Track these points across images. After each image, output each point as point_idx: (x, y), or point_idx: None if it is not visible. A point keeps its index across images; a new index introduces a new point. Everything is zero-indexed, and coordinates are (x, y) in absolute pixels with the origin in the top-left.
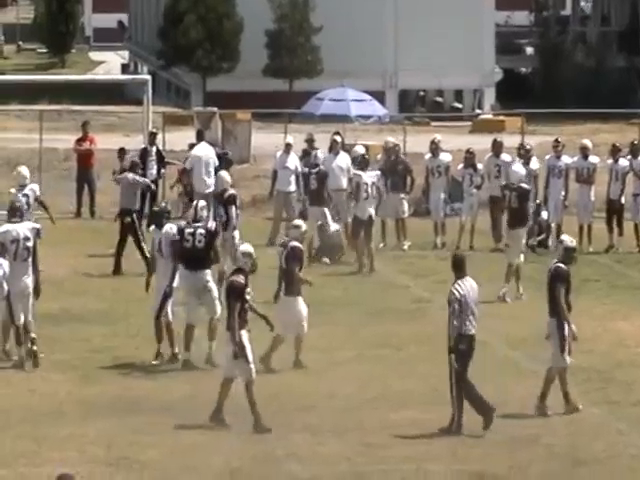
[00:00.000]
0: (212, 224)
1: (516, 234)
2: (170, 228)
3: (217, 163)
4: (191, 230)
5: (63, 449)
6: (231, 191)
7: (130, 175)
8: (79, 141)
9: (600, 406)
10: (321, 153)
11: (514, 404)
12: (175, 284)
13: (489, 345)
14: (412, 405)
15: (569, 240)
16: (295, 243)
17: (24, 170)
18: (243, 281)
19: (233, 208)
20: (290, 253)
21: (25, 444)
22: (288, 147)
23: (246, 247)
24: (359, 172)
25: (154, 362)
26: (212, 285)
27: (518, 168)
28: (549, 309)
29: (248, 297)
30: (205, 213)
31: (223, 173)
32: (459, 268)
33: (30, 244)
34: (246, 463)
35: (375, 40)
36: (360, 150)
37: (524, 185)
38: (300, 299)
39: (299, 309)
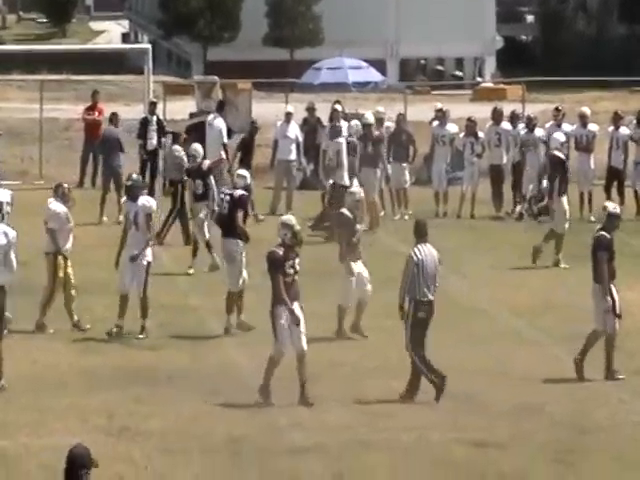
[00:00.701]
0: (238, 192)
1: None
2: (147, 201)
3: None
4: (222, 196)
5: (66, 419)
6: (207, 162)
7: (176, 147)
8: (88, 110)
9: (603, 375)
10: (355, 123)
11: (516, 373)
12: (149, 258)
13: (494, 314)
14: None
15: (612, 207)
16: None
17: None
18: (282, 253)
19: (211, 178)
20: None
21: (28, 414)
22: (289, 116)
23: (286, 218)
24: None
25: (140, 336)
26: (234, 256)
27: (558, 135)
28: (593, 276)
29: (291, 270)
30: (242, 182)
31: (196, 145)
32: (420, 233)
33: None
34: (249, 432)
35: (376, 9)
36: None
37: (557, 153)
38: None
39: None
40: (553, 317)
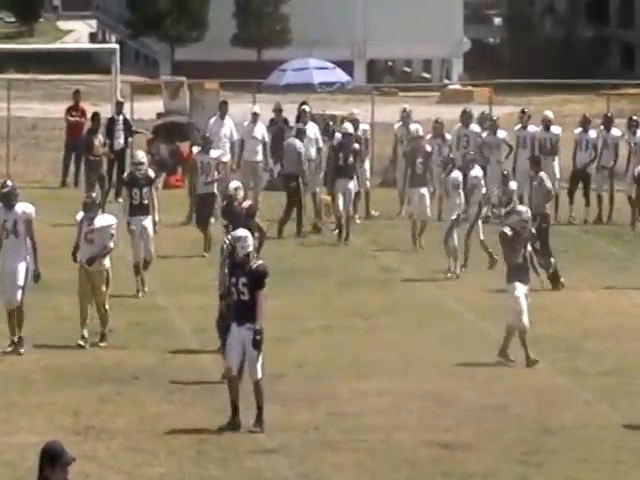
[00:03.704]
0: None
1: None
2: (26, 207)
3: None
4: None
5: (31, 417)
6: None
7: (297, 142)
8: (70, 110)
9: (567, 376)
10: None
11: (483, 374)
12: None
13: (461, 315)
14: (381, 374)
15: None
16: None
17: None
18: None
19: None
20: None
21: None
22: (255, 116)
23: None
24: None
25: (8, 349)
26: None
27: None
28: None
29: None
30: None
31: (141, 152)
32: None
33: None
34: (214, 432)
35: (344, 10)
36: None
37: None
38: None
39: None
40: None
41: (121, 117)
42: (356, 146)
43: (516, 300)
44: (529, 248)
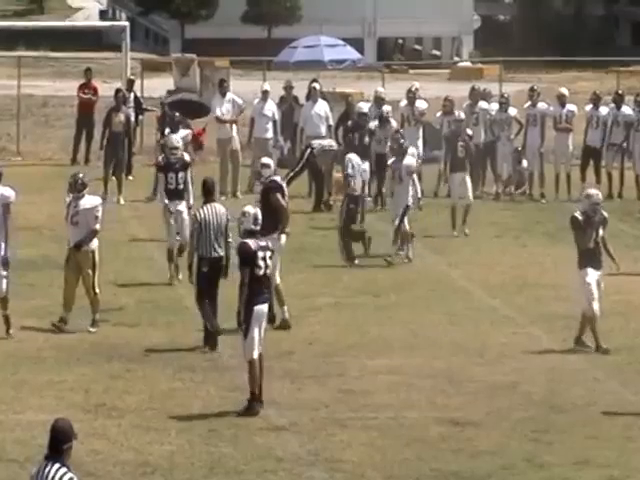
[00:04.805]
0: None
1: None
2: (5, 191)
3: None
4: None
5: (42, 395)
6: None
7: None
8: (82, 87)
9: (577, 354)
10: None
11: (492, 351)
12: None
13: (471, 292)
14: (391, 352)
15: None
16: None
17: None
18: (253, 245)
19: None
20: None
21: (3, 390)
22: (265, 94)
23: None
24: None
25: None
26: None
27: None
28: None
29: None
30: (268, 172)
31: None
32: (208, 192)
33: None
34: (225, 409)
35: None
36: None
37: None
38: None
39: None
40: (528, 295)
41: (132, 94)
42: (371, 125)
43: (587, 287)
44: (601, 232)
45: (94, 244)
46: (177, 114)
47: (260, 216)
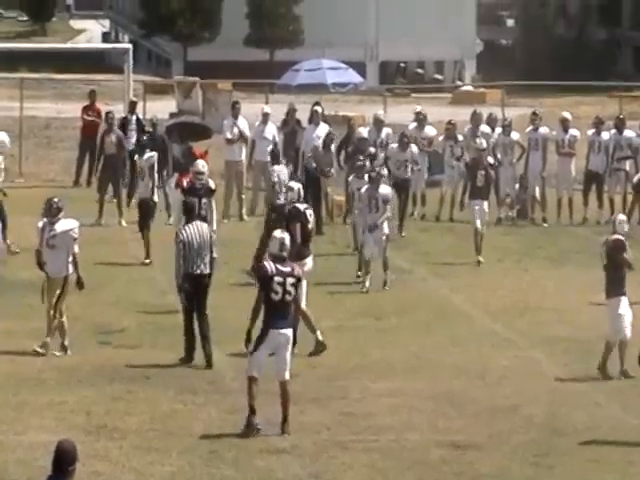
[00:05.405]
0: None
1: None
2: None
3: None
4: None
5: (43, 417)
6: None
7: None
8: (86, 109)
9: (579, 377)
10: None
11: (494, 374)
12: None
13: (473, 316)
14: (393, 375)
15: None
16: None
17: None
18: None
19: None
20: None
21: (4, 411)
22: (265, 117)
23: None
24: None
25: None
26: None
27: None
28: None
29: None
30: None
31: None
32: (188, 212)
33: None
34: (225, 431)
35: (357, 11)
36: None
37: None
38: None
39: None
40: (529, 319)
41: (134, 117)
42: (372, 150)
43: (620, 317)
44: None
45: (69, 269)
46: (145, 137)
47: (287, 242)
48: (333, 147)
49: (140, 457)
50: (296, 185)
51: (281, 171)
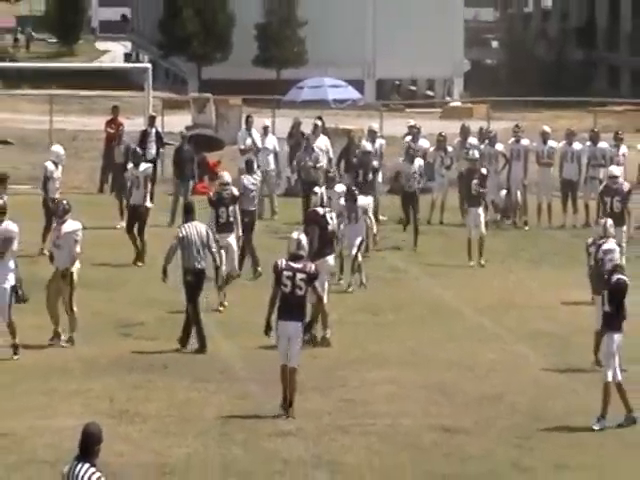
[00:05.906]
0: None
1: None
2: (7, 224)
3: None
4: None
5: (71, 403)
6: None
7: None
8: (109, 123)
9: (559, 369)
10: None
11: (482, 366)
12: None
13: (460, 312)
14: (389, 366)
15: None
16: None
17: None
18: (280, 265)
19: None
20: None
21: (36, 398)
22: (266, 129)
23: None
24: None
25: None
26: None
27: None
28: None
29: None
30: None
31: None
32: (188, 212)
33: None
34: (236, 416)
35: (355, 33)
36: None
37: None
38: None
39: None
40: (514, 315)
41: (153, 130)
42: (375, 163)
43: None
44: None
45: (75, 266)
46: (137, 149)
47: (304, 241)
48: (324, 164)
49: (159, 440)
50: (319, 190)
51: (250, 181)
